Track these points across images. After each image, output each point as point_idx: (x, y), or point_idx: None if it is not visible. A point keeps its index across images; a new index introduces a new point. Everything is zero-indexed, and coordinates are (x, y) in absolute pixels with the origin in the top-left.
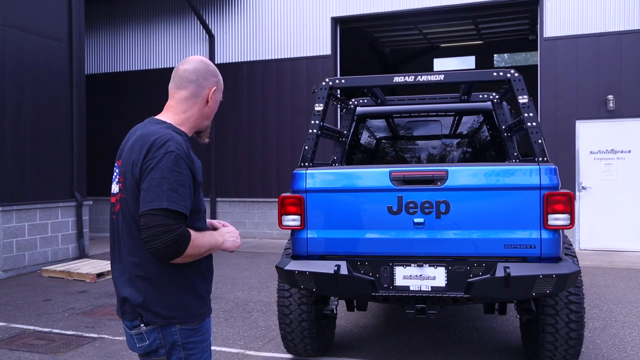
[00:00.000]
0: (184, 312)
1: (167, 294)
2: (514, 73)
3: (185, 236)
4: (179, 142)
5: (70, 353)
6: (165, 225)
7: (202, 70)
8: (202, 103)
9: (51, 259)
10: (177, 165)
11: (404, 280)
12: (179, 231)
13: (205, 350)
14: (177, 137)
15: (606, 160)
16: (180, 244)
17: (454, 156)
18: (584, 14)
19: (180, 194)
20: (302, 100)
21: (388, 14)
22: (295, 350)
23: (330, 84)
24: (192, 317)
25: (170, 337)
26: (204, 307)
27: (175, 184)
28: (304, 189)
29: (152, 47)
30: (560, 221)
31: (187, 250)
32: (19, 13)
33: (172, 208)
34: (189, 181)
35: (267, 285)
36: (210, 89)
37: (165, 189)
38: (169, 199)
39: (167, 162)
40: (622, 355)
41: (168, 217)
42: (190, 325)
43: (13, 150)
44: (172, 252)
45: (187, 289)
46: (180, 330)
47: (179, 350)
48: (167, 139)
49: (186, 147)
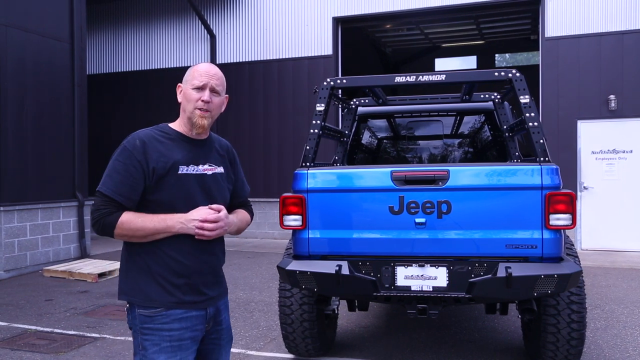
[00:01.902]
0: (140, 294)
1: (128, 276)
2: (516, 73)
3: (107, 218)
4: (135, 138)
5: (71, 353)
6: (95, 205)
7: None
8: (179, 100)
9: (53, 259)
10: (120, 155)
11: (405, 280)
12: (102, 211)
13: (165, 341)
14: (140, 132)
15: (608, 160)
16: (103, 225)
17: (456, 156)
18: (585, 13)
19: (112, 179)
20: (304, 100)
21: (389, 13)
22: (296, 350)
23: (332, 84)
24: (149, 301)
25: (133, 320)
26: (166, 296)
27: (108, 175)
28: (305, 189)
29: (153, 47)
30: (562, 221)
31: (116, 230)
32: (20, 13)
33: (101, 190)
34: (131, 171)
35: (268, 285)
36: (178, 90)
37: (102, 181)
38: (103, 183)
39: (113, 160)
40: (624, 355)
41: (99, 198)
42: (149, 310)
43: (15, 150)
44: (97, 229)
45: (145, 274)
46: (139, 315)
47: (137, 334)
48: (126, 140)
49: (139, 143)
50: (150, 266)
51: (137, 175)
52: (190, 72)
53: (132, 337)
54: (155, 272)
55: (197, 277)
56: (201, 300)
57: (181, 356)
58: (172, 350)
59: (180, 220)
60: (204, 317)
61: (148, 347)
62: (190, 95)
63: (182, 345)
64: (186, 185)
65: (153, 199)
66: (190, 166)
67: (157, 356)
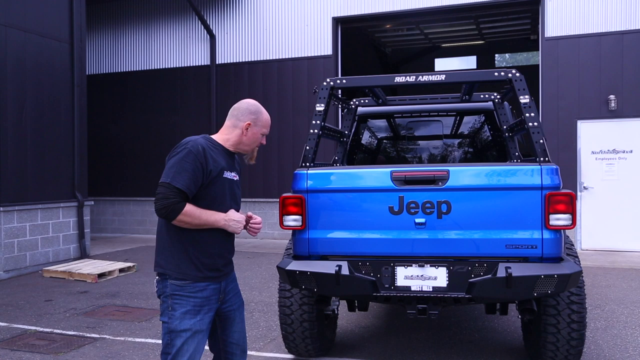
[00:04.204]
0: (175, 269)
1: (165, 253)
2: (515, 73)
3: (175, 206)
4: (198, 144)
5: (71, 353)
6: (164, 194)
7: (242, 108)
8: (239, 132)
9: (52, 259)
10: (187, 157)
11: (405, 280)
12: (171, 200)
13: (190, 305)
14: (198, 140)
15: (608, 160)
16: (171, 210)
17: (455, 156)
18: (585, 13)
19: (182, 176)
20: (304, 101)
21: (389, 14)
22: (296, 350)
23: (332, 84)
24: (182, 274)
25: (164, 288)
26: (196, 271)
27: (178, 171)
28: (305, 189)
29: (153, 47)
30: (562, 221)
31: (179, 216)
32: (20, 13)
33: (173, 184)
34: (197, 170)
35: (268, 286)
36: (245, 122)
37: (172, 173)
38: (172, 178)
39: (180, 158)
40: (624, 355)
41: (168, 189)
42: (180, 281)
43: (14, 150)
44: (164, 214)
45: (181, 254)
46: (170, 284)
47: (167, 299)
48: (187, 140)
49: (202, 151)
50: (188, 248)
51: (199, 174)
52: (262, 119)
53: (160, 302)
54: (192, 253)
55: (219, 258)
56: (218, 275)
57: (200, 317)
58: (194, 312)
59: (225, 218)
60: (219, 289)
61: (177, 308)
62: (256, 137)
63: (202, 310)
64: (225, 186)
65: (202, 194)
66: (229, 172)
67: (184, 316)
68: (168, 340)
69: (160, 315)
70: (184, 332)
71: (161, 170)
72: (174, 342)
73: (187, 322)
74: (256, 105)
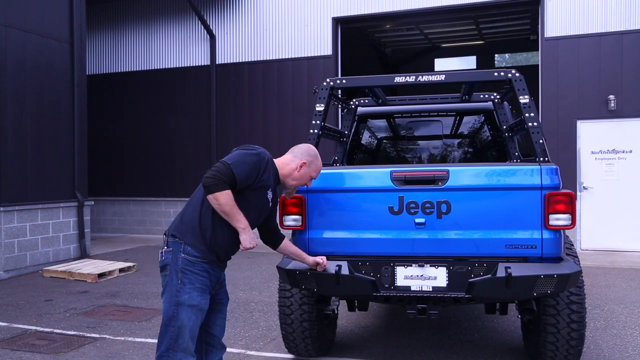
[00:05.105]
0: (191, 241)
1: (189, 223)
2: (515, 73)
3: (221, 183)
4: (266, 155)
5: (71, 353)
6: (219, 169)
7: (304, 149)
8: (293, 167)
9: (52, 259)
10: (254, 157)
11: (405, 280)
12: (222, 177)
13: (198, 282)
14: (268, 153)
15: (607, 160)
16: (214, 184)
17: (455, 156)
18: (585, 13)
19: (242, 167)
20: (303, 101)
21: (389, 14)
22: (296, 350)
23: (332, 84)
24: (195, 247)
25: (176, 261)
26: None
27: (241, 161)
28: (305, 189)
29: (153, 47)
30: (562, 221)
31: (217, 193)
32: (20, 13)
33: (232, 168)
34: (253, 171)
35: (268, 286)
36: (302, 160)
37: (235, 160)
38: (233, 162)
39: (247, 153)
40: (624, 355)
41: (226, 168)
42: (191, 258)
43: (14, 150)
44: (208, 183)
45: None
46: (182, 259)
47: (177, 272)
48: (260, 148)
49: (266, 162)
50: (208, 230)
51: (254, 175)
52: (316, 163)
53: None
54: (209, 236)
55: (224, 252)
56: (220, 265)
57: (205, 298)
58: (201, 291)
59: (245, 227)
60: (217, 277)
61: (187, 283)
62: (306, 177)
63: (205, 290)
64: (264, 202)
65: (245, 194)
66: (271, 193)
67: (192, 292)
68: (174, 312)
69: (164, 287)
70: (191, 307)
71: (161, 170)
72: (179, 315)
73: (196, 298)
74: (315, 150)
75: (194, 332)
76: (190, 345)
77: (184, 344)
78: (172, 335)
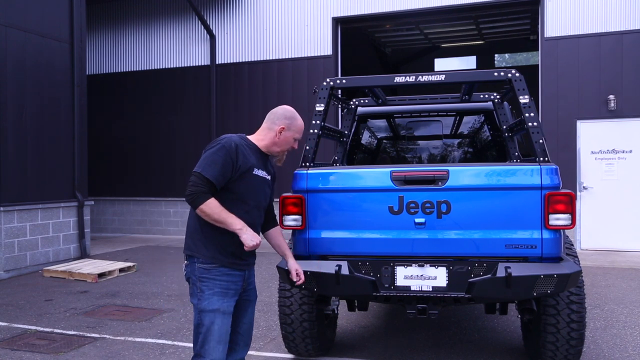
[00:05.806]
0: (202, 252)
1: (195, 239)
2: (515, 73)
3: (200, 195)
4: (232, 141)
5: (71, 353)
6: (194, 182)
7: (279, 113)
8: (273, 134)
9: (52, 259)
10: (220, 151)
11: (405, 280)
12: (198, 189)
13: (217, 287)
14: (233, 137)
15: (607, 160)
16: (195, 198)
17: (455, 156)
18: (585, 13)
19: (212, 168)
20: (303, 101)
21: (389, 14)
22: (296, 350)
23: (332, 84)
24: (208, 257)
25: (192, 271)
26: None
27: (209, 162)
28: (305, 189)
29: (153, 47)
30: (562, 221)
31: (201, 206)
32: (20, 13)
33: (203, 174)
34: (226, 164)
35: (268, 286)
36: (280, 126)
37: (203, 164)
38: (203, 168)
39: (212, 151)
40: (624, 355)
41: (198, 178)
42: (207, 265)
43: (14, 150)
44: (190, 200)
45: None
46: (198, 268)
47: (196, 281)
48: (223, 137)
49: (235, 148)
50: (216, 234)
51: (229, 168)
52: (295, 124)
53: (189, 285)
54: (219, 239)
55: (240, 250)
56: (241, 264)
57: (227, 301)
58: (222, 295)
59: (241, 227)
60: (242, 277)
61: (205, 290)
62: (288, 140)
63: (228, 293)
64: (255, 183)
65: (232, 187)
66: (259, 170)
67: (212, 297)
68: (199, 320)
69: (190, 297)
70: (212, 312)
71: (161, 170)
72: (203, 321)
73: (216, 303)
74: (292, 111)
75: (222, 335)
76: (218, 349)
77: (210, 349)
78: (199, 341)
